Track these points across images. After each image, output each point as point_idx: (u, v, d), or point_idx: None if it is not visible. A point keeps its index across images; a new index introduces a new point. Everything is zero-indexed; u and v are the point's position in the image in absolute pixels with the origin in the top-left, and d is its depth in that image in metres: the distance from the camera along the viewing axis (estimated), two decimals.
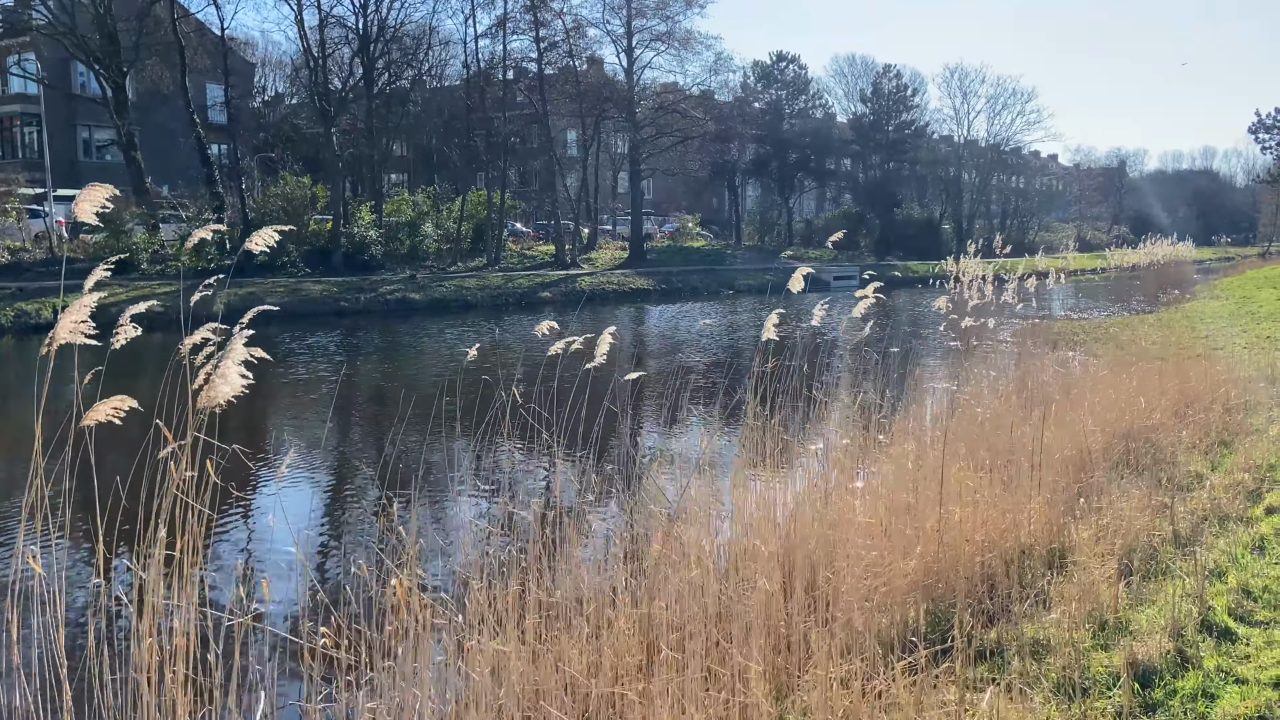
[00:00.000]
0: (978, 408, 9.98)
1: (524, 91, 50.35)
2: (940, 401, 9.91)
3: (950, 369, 13.26)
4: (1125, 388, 10.06)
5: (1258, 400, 10.52)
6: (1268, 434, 8.98)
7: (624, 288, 42.91)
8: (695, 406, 13.39)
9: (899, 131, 71.92)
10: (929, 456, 7.28)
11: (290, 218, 39.98)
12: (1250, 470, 7.61)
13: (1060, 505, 6.63)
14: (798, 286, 6.99)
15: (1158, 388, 10.33)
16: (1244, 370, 12.88)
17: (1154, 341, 20.53)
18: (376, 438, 14.18)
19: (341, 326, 30.30)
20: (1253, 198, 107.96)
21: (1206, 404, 10.07)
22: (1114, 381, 10.51)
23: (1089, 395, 10.10)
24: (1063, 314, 31.43)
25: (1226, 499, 6.98)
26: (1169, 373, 10.94)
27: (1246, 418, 9.78)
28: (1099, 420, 9.22)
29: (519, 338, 24.55)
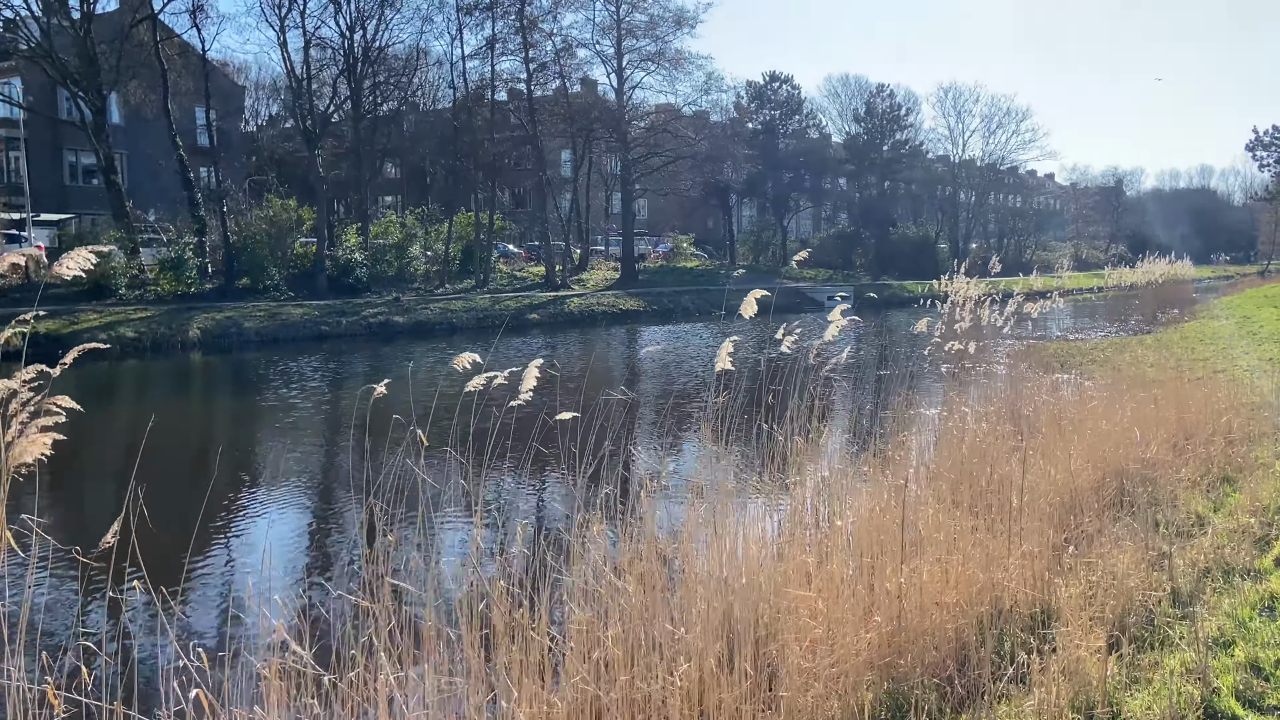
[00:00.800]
0: (961, 441, 9.27)
1: (514, 113, 49.91)
2: (920, 435, 9.18)
3: (937, 395, 12.54)
4: (1119, 418, 9.34)
5: (1262, 430, 9.80)
6: (1274, 469, 8.25)
7: (613, 309, 42.28)
8: (636, 447, 12.65)
9: (893, 151, 71.61)
10: (900, 501, 6.56)
11: (274, 241, 39.46)
12: (1256, 513, 6.88)
13: (1045, 558, 5.90)
14: (749, 311, 6.35)
15: (1154, 418, 9.62)
16: (1246, 396, 12.17)
17: (1151, 364, 19.82)
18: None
19: (321, 351, 29.62)
20: (1251, 216, 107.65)
21: (1207, 435, 9.35)
22: (1108, 411, 9.79)
23: (1081, 426, 9.39)
24: (1059, 335, 30.75)
25: (1231, 547, 6.25)
26: (1166, 400, 10.22)
27: (1251, 450, 9.05)
28: (1091, 454, 8.50)
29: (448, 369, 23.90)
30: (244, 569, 9.27)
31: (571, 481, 5.58)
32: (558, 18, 48.87)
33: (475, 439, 5.22)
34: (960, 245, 75.47)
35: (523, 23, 46.30)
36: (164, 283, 35.11)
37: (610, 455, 8.47)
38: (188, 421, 18.68)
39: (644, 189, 57.22)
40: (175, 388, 24.65)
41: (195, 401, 22.22)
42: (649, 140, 52.05)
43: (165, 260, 35.56)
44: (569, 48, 48.55)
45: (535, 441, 5.66)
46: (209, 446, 15.71)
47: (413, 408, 5.22)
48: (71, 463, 12.42)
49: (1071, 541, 6.69)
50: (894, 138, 71.86)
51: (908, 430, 9.21)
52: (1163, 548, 6.52)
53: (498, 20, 45.51)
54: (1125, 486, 7.91)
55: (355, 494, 6.28)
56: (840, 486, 7.00)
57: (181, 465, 13.88)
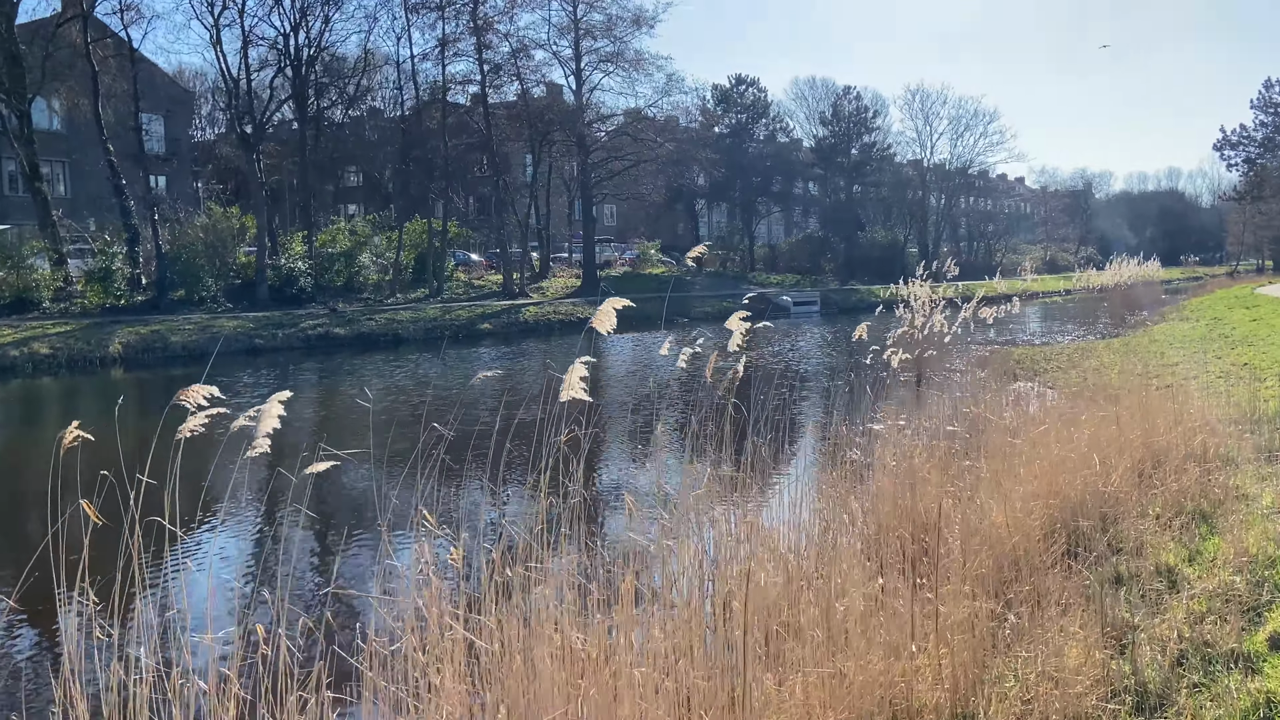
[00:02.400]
0: (893, 473, 7.92)
1: (469, 116, 48.37)
2: (837, 471, 7.80)
3: (880, 413, 11.20)
4: (1078, 441, 8.01)
5: (1241, 452, 8.50)
6: (1260, 503, 6.93)
7: (570, 318, 40.80)
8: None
9: (861, 154, 70.75)
10: (789, 571, 5.19)
11: (212, 250, 37.73)
12: (1241, 567, 5.53)
13: (972, 646, 4.52)
14: (606, 326, 5.09)
15: (1118, 440, 8.30)
16: (1222, 408, 10.91)
17: (1118, 371, 18.62)
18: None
19: (251, 366, 27.98)
20: (1219, 217, 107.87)
21: (1178, 460, 8.03)
22: (1065, 432, 8.46)
23: (1034, 450, 8.05)
24: (1025, 339, 29.63)
25: (1212, 621, 4.89)
26: (1132, 418, 8.90)
27: (1229, 477, 7.74)
28: (1044, 487, 7.16)
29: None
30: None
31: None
32: (514, 19, 47.50)
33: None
34: (930, 249, 74.62)
35: (476, 23, 44.85)
36: (91, 295, 33.33)
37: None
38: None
39: (604, 194, 55.89)
40: (65, 409, 22.91)
41: (69, 422, 20.48)
42: (608, 144, 50.69)
43: (92, 271, 33.78)
44: (525, 49, 47.13)
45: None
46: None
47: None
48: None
49: (1012, 607, 5.33)
50: (861, 140, 70.99)
51: (827, 460, 7.83)
52: (1125, 615, 5.17)
53: (449, 21, 44.05)
54: (1081, 529, 6.57)
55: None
56: (725, 548, 5.60)
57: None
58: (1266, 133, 56.23)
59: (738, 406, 7.08)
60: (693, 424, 6.10)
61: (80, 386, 24.78)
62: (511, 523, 5.24)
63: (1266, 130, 56.43)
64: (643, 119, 52.54)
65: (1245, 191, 60.07)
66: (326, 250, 42.36)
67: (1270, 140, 55.49)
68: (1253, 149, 57.41)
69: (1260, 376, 14.74)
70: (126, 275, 34.96)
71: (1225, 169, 68.24)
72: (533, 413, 5.05)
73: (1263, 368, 15.65)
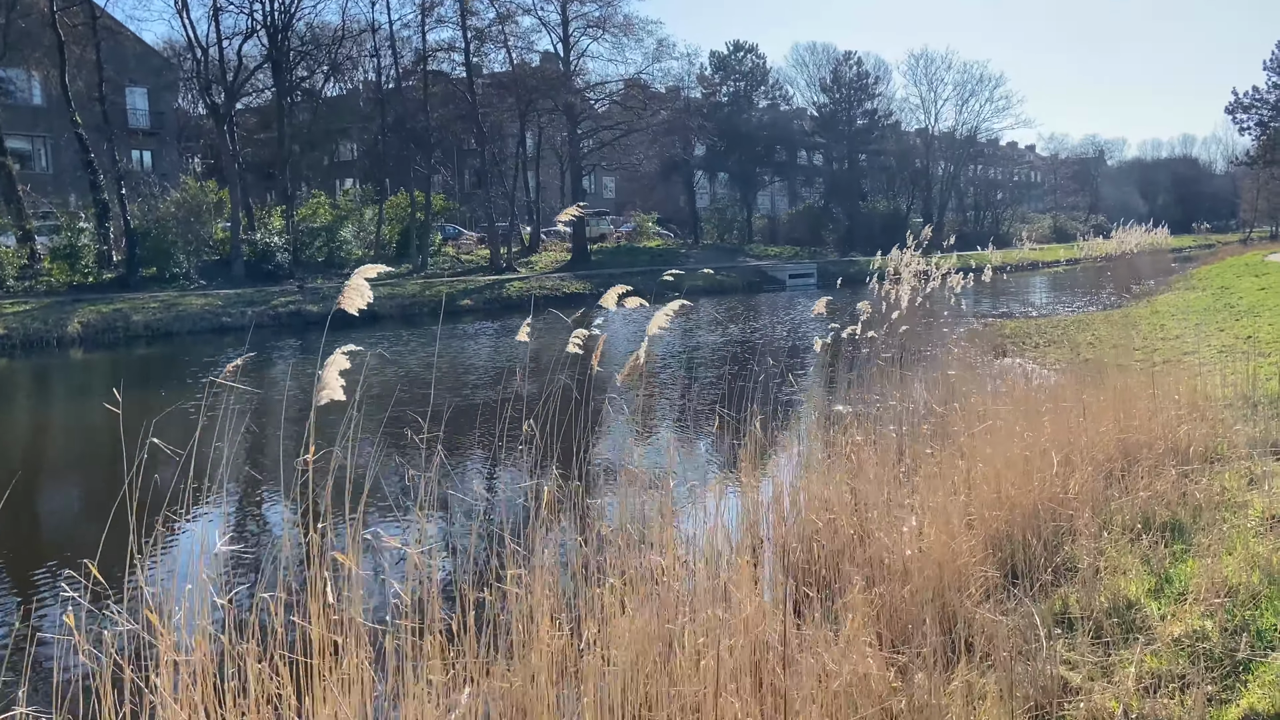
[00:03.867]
0: (813, 484, 6.81)
1: (454, 85, 46.92)
2: (758, 472, 6.68)
3: (832, 399, 10.01)
4: (1038, 436, 6.84)
5: (1232, 446, 7.31)
6: (1247, 513, 5.77)
7: (556, 292, 39.68)
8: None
9: (863, 121, 68.94)
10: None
11: (185, 226, 36.62)
12: (1215, 608, 4.38)
13: None
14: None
15: (1089, 432, 7.13)
16: (1216, 389, 9.72)
17: (1114, 345, 17.39)
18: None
19: (217, 345, 26.99)
20: (1232, 183, 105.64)
21: (1157, 456, 6.86)
22: (1028, 424, 7.29)
23: (994, 441, 6.90)
24: (1023, 311, 28.33)
25: (1169, 693, 3.75)
26: (1105, 406, 7.72)
27: (1214, 478, 6.57)
28: (991, 494, 6.02)
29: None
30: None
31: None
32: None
33: None
34: (935, 218, 72.96)
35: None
36: (56, 272, 32.29)
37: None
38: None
39: (593, 165, 54.45)
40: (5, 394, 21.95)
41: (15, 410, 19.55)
42: (597, 113, 49.23)
43: (57, 248, 32.74)
44: (510, 15, 45.59)
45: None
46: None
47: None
48: None
49: (924, 664, 4.20)
50: (863, 107, 69.17)
51: (755, 468, 6.69)
52: (1062, 674, 4.05)
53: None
54: (1028, 551, 5.42)
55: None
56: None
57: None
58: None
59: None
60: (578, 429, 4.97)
61: (25, 370, 23.78)
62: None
63: (1279, 92, 54.54)
64: (635, 86, 51.02)
65: (1258, 156, 58.11)
66: (307, 225, 41.21)
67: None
68: (1265, 111, 55.41)
69: (1264, 351, 13.51)
70: (94, 252, 33.90)
71: (1238, 133, 66.11)
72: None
73: (1267, 341, 14.41)
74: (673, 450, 6.07)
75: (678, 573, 5.00)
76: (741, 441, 6.98)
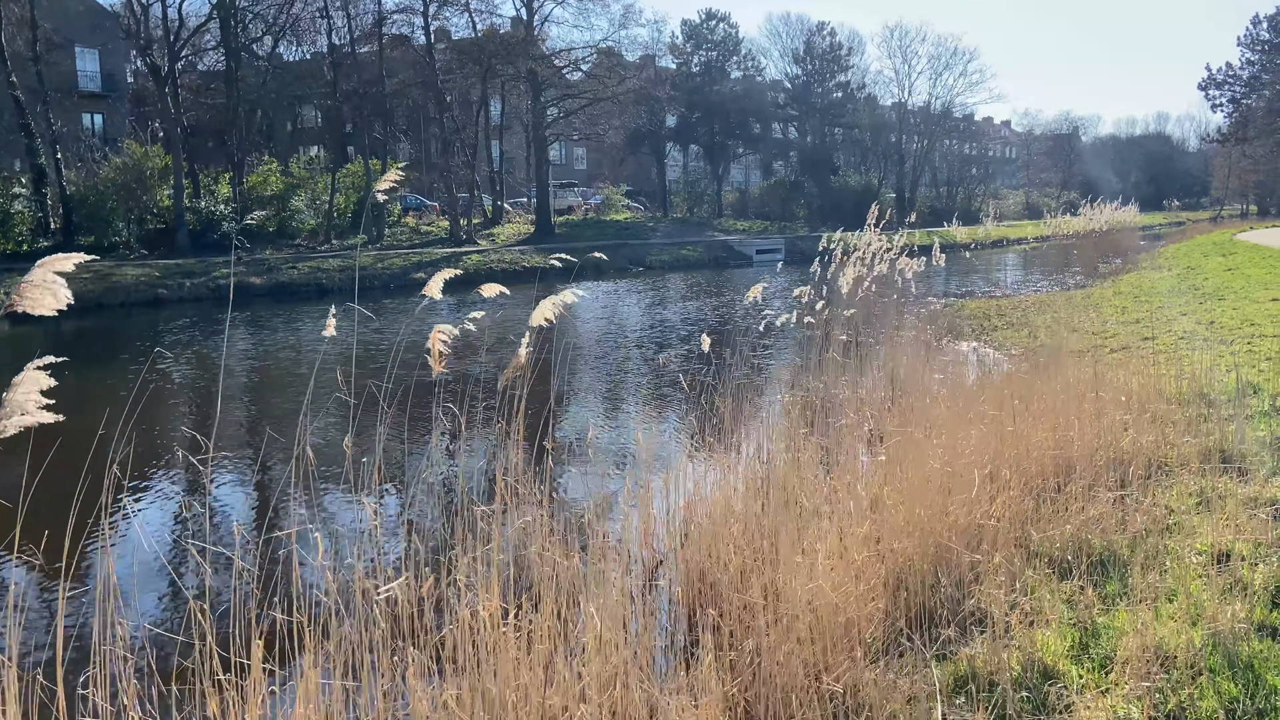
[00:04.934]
0: (700, 514, 6.00)
1: (411, 49, 45.36)
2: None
3: (757, 395, 9.17)
4: (966, 446, 6.03)
5: (1183, 453, 6.55)
6: (1193, 544, 4.99)
7: (514, 267, 38.58)
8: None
9: (835, 94, 67.84)
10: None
11: (127, 193, 35.17)
12: (1144, 692, 3.58)
13: None
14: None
15: (1025, 439, 6.33)
16: (1171, 384, 8.97)
17: (1073, 329, 16.70)
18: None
19: (150, 318, 25.82)
20: (1205, 161, 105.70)
21: (1097, 470, 6.08)
22: (964, 424, 6.48)
23: (910, 457, 6.08)
24: (986, 290, 27.64)
25: None
26: (1044, 410, 6.93)
27: (1160, 495, 5.80)
28: (899, 520, 5.20)
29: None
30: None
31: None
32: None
33: None
34: (907, 194, 72.18)
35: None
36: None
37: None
38: None
39: (558, 135, 53.10)
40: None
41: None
42: (561, 81, 47.87)
43: None
44: None
45: None
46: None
47: None
48: None
49: None
50: (836, 79, 68.06)
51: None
52: None
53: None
54: (939, 587, 4.62)
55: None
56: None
57: None
58: (1253, 71, 53.73)
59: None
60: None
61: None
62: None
63: (1253, 69, 53.92)
64: (602, 54, 49.65)
65: (1230, 133, 57.70)
66: (257, 194, 39.79)
67: (1256, 79, 53.00)
68: (1238, 88, 54.93)
69: (1225, 338, 12.84)
70: (31, 220, 32.45)
71: (1210, 110, 65.66)
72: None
73: (1230, 327, 13.75)
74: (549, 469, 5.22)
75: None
76: (634, 445, 6.15)
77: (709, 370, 7.80)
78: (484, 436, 7.54)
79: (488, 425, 5.45)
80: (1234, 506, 5.41)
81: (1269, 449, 6.43)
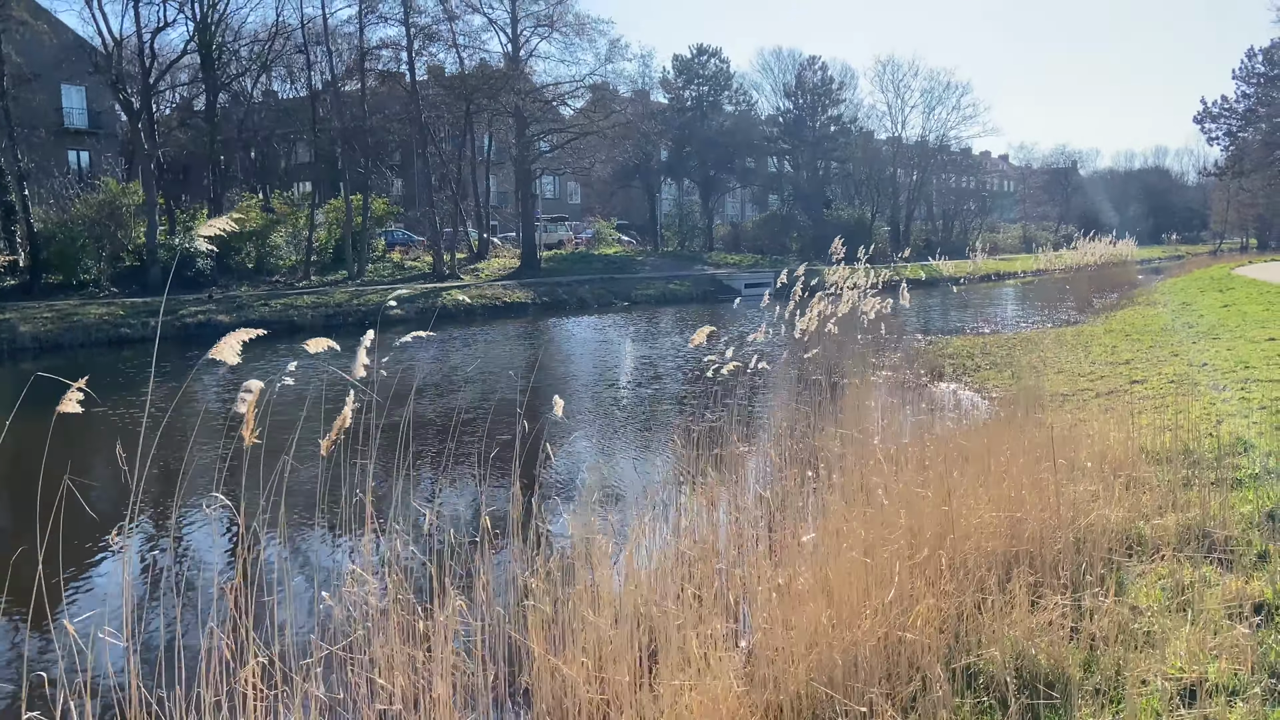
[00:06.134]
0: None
1: (399, 84, 44.94)
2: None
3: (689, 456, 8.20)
4: (893, 529, 5.08)
5: (1162, 529, 5.58)
6: (1165, 655, 4.02)
7: (496, 302, 37.75)
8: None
9: (826, 127, 67.44)
10: None
11: (100, 229, 34.48)
12: None
13: None
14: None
15: (976, 513, 5.37)
16: (1151, 439, 8.01)
17: (1060, 370, 15.76)
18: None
19: (112, 358, 24.94)
20: (1204, 194, 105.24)
21: (1056, 552, 5.12)
22: (906, 498, 5.53)
23: (828, 541, 5.13)
24: (974, 327, 26.73)
25: None
26: (1001, 473, 5.97)
27: (1130, 591, 4.84)
28: (805, 633, 4.25)
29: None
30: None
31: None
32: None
33: None
34: (901, 228, 71.53)
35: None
36: None
37: None
38: None
39: (543, 169, 52.59)
40: None
41: None
42: (550, 115, 47.40)
43: None
44: (454, 16, 43.66)
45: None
46: None
47: None
48: None
49: None
50: (827, 113, 67.70)
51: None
52: None
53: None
54: None
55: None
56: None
57: None
58: (1248, 104, 53.20)
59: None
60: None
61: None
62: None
63: (1249, 101, 53.39)
64: (592, 89, 49.20)
65: (1227, 167, 57.05)
66: (235, 230, 39.06)
67: (1252, 112, 52.46)
68: (1234, 121, 54.35)
69: (1218, 382, 11.88)
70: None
71: (1206, 144, 65.12)
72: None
73: (1223, 370, 12.79)
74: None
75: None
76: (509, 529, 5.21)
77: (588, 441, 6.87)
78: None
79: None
80: (1214, 606, 4.45)
81: (1256, 526, 5.46)
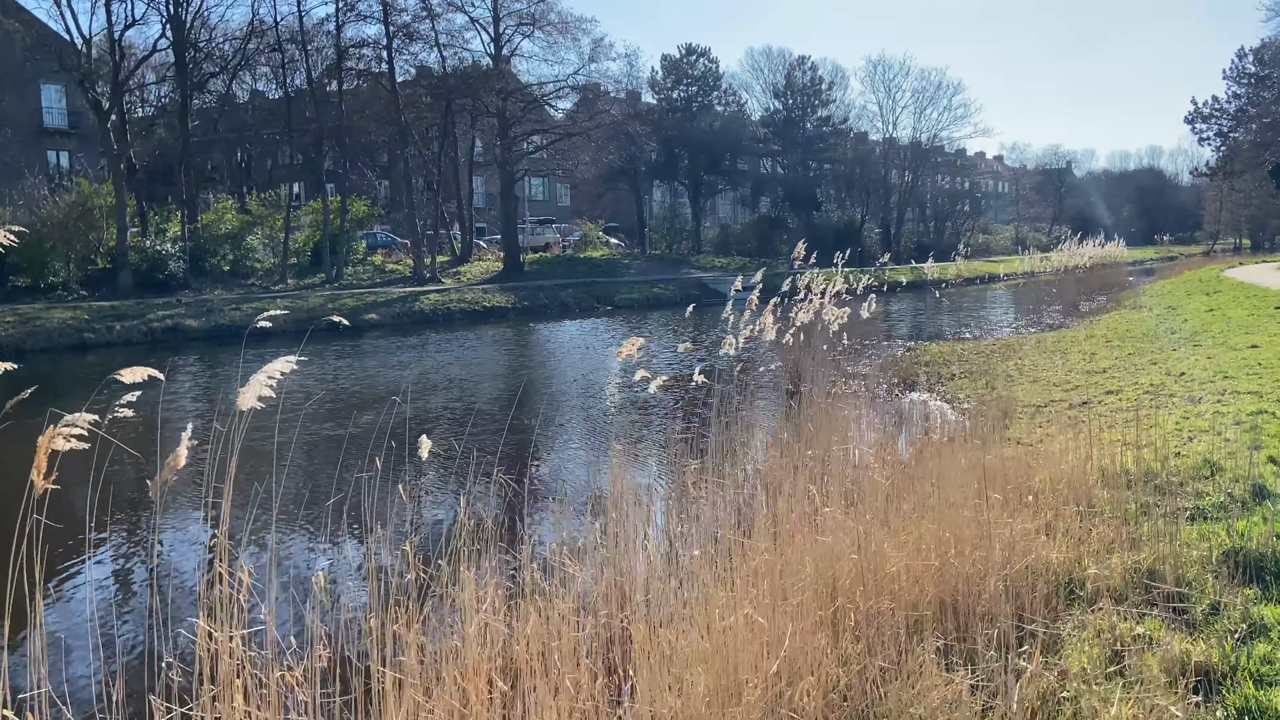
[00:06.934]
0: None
1: (380, 83, 44.29)
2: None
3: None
4: (798, 580, 4.49)
5: (1107, 571, 4.99)
6: None
7: (475, 306, 37.12)
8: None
9: (816, 128, 66.87)
10: None
11: (69, 232, 33.83)
12: None
13: None
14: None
15: (883, 568, 4.78)
16: (1117, 458, 7.43)
17: (1035, 379, 15.19)
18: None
19: (73, 364, 24.30)
20: (1197, 195, 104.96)
21: (987, 602, 4.53)
22: (804, 551, 4.93)
23: (723, 601, 4.54)
24: (956, 331, 26.18)
25: None
26: (937, 510, 5.39)
27: (1062, 649, 4.25)
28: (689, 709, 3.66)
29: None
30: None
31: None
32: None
33: None
34: (892, 229, 70.99)
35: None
36: None
37: None
38: None
39: (525, 170, 51.98)
40: None
41: None
42: (533, 116, 46.80)
43: None
44: (434, 15, 43.02)
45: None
46: None
47: None
48: None
49: None
50: (817, 114, 67.14)
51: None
52: None
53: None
54: None
55: None
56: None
57: None
58: (1239, 104, 52.71)
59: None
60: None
61: None
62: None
63: (1240, 102, 52.91)
64: (578, 90, 48.60)
65: (1218, 167, 56.55)
66: (210, 232, 38.45)
67: (1243, 113, 51.97)
68: (1225, 122, 53.85)
69: (1194, 394, 11.30)
70: None
71: (1198, 144, 64.61)
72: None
73: (1201, 380, 12.21)
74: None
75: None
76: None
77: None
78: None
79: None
80: (1154, 673, 3.86)
81: (1210, 571, 4.88)
